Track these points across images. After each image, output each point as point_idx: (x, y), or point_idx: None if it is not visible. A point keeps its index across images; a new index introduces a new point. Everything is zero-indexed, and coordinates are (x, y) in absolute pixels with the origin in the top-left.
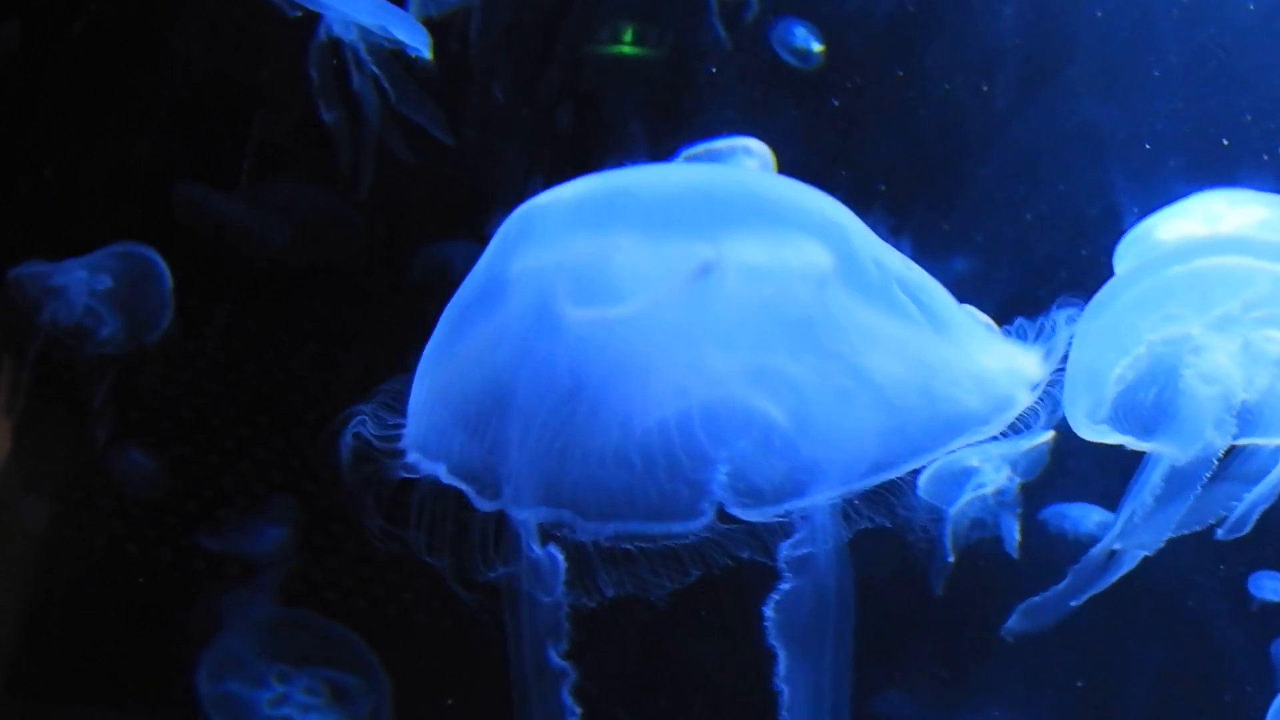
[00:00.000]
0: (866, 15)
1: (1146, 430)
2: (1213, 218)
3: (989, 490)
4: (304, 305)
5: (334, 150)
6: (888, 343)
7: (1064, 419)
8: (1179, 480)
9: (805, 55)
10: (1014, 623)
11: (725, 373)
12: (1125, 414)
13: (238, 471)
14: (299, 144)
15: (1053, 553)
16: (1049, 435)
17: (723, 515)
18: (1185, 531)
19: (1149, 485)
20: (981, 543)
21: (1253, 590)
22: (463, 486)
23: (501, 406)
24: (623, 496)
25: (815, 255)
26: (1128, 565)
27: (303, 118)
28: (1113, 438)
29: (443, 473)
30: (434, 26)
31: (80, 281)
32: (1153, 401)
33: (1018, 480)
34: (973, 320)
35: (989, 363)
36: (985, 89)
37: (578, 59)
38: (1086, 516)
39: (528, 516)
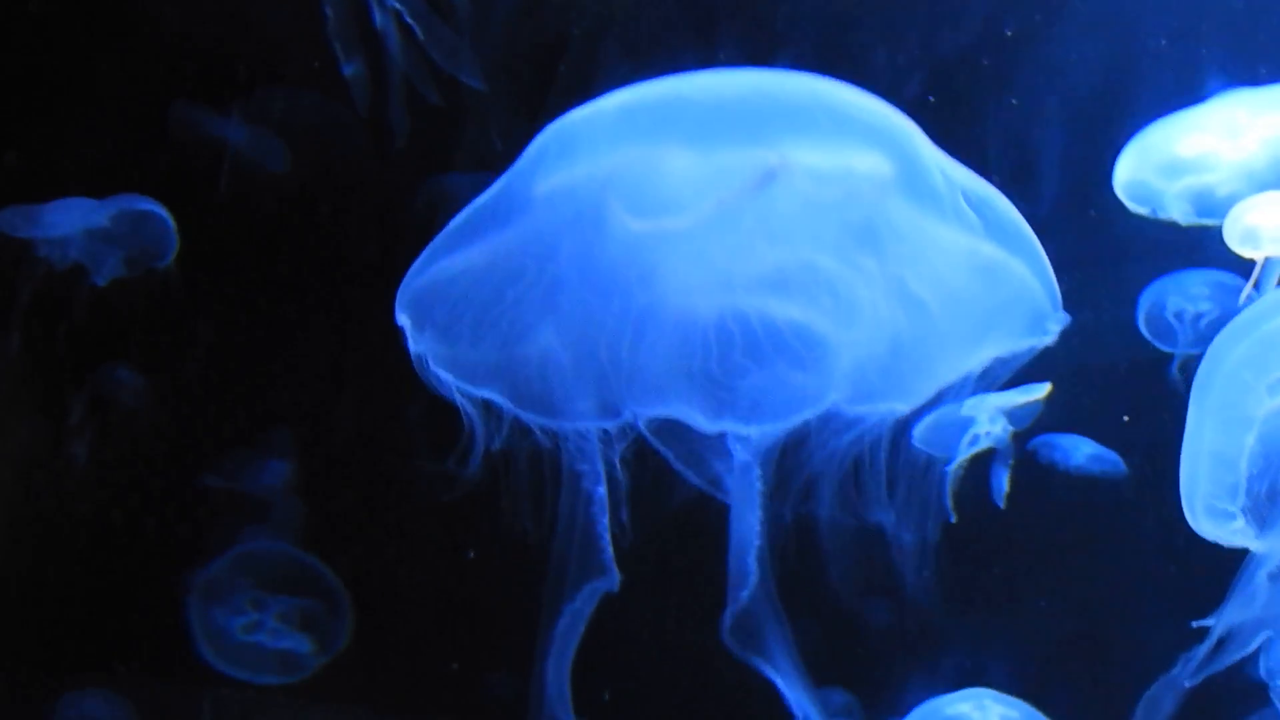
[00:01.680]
0: None
1: (1267, 524)
2: (1234, 130)
3: (984, 442)
4: (305, 232)
5: (340, 70)
6: (949, 251)
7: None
8: None
9: None
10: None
11: (782, 270)
12: (1249, 508)
13: (239, 405)
14: (304, 65)
15: (1043, 487)
16: (1045, 389)
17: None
18: None
19: (1266, 568)
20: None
21: None
22: (508, 403)
23: (554, 320)
24: (680, 392)
25: (877, 162)
26: (1249, 648)
27: (313, 49)
28: (1241, 537)
29: (495, 395)
30: None
31: (75, 225)
32: (1268, 490)
33: (1011, 430)
34: (1029, 233)
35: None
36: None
37: None
38: (1077, 448)
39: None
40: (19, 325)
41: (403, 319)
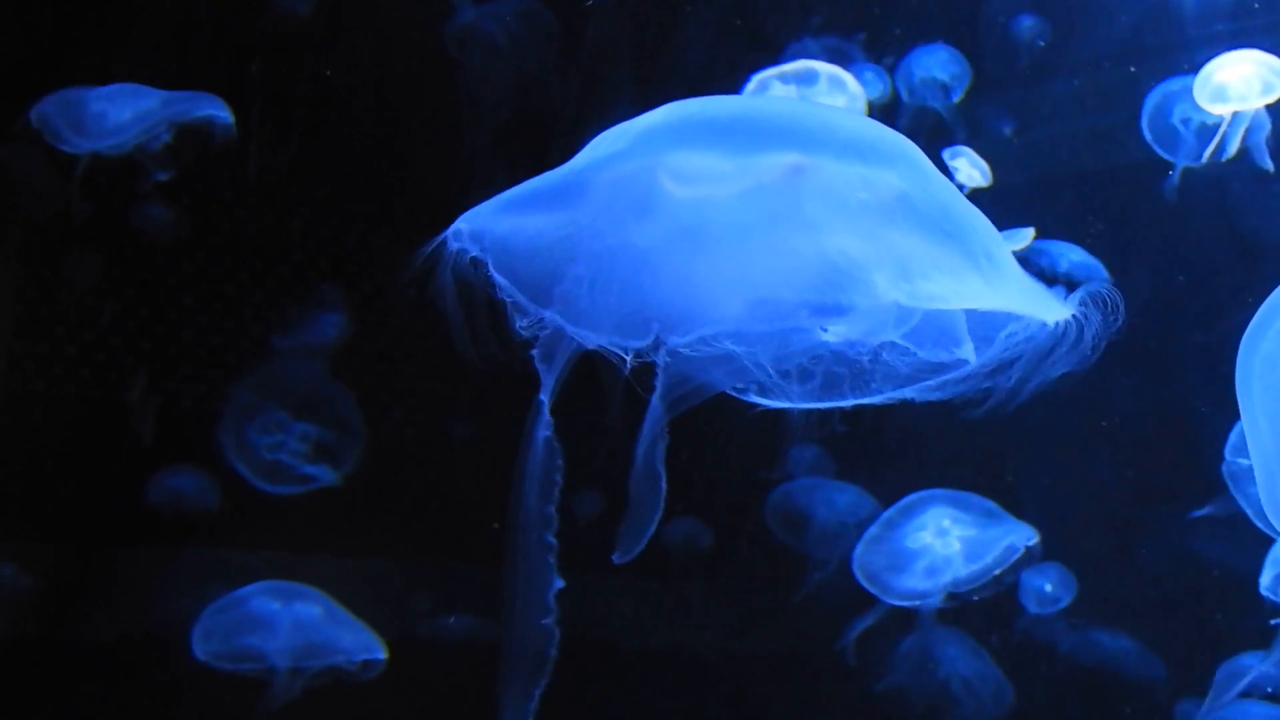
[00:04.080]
0: None
1: None
2: None
3: None
4: (338, 85)
5: None
6: (940, 263)
7: None
8: None
9: None
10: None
11: (804, 249)
12: None
13: (284, 256)
14: None
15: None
16: (1029, 236)
17: None
18: None
19: None
20: None
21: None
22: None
23: (605, 274)
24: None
25: (889, 178)
26: None
27: None
28: None
29: (553, 318)
30: None
31: (129, 134)
32: None
33: None
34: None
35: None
36: None
37: None
38: (1064, 255)
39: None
40: (77, 197)
41: (463, 242)
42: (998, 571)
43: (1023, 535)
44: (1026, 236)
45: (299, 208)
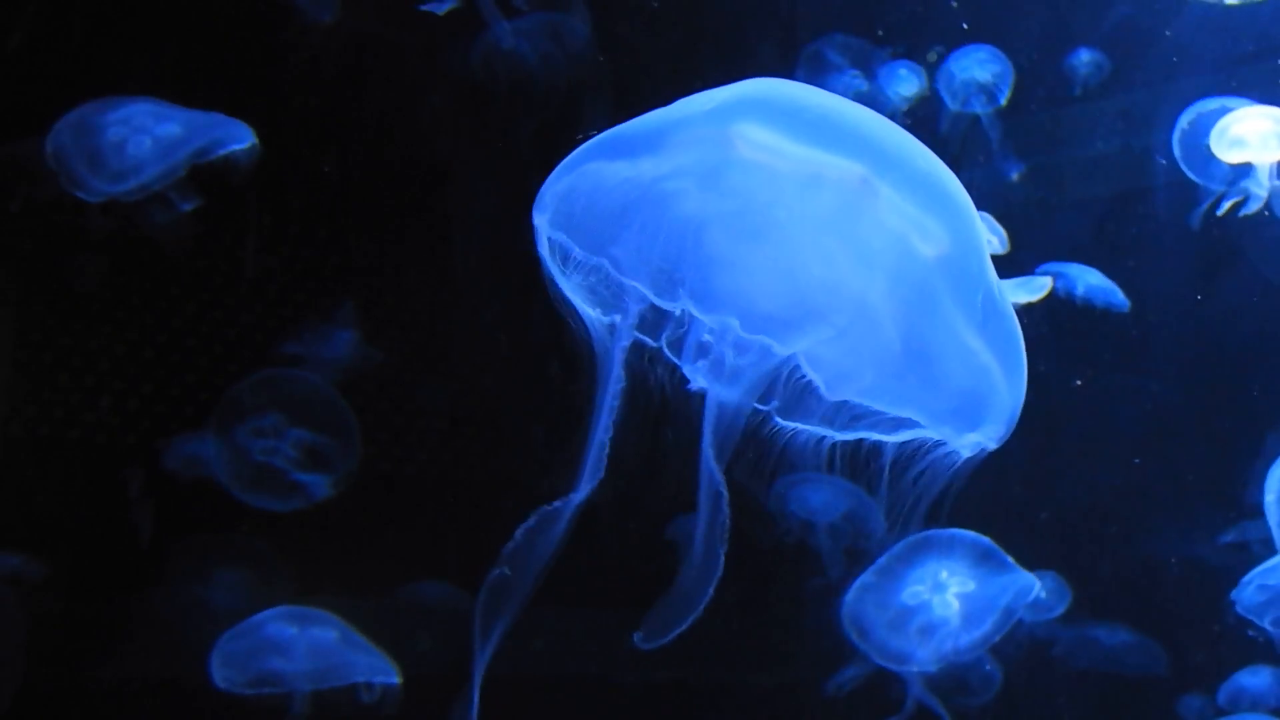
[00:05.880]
0: None
1: None
2: None
3: None
4: (360, 95)
5: None
6: (948, 332)
7: None
8: None
9: None
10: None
11: (834, 264)
12: None
13: (307, 278)
14: None
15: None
16: (1047, 288)
17: None
18: None
19: None
20: None
21: None
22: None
23: (657, 222)
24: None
25: (940, 233)
26: None
27: None
28: None
29: (612, 270)
30: None
31: (151, 174)
32: None
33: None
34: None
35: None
36: None
37: None
38: (1082, 278)
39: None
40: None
41: (541, 220)
42: (996, 639)
43: (1024, 589)
44: (1043, 287)
45: (317, 226)
